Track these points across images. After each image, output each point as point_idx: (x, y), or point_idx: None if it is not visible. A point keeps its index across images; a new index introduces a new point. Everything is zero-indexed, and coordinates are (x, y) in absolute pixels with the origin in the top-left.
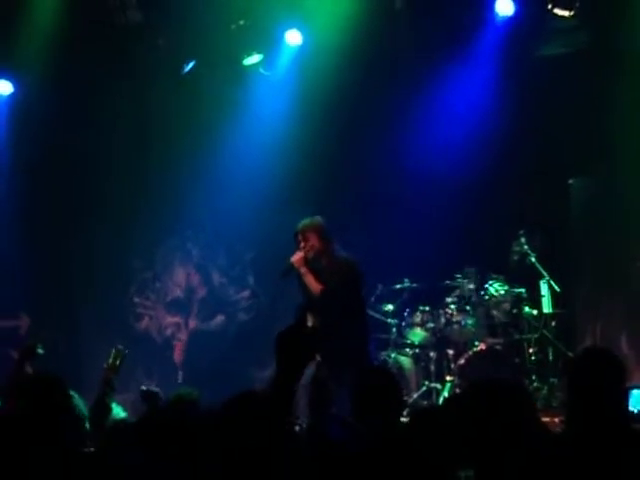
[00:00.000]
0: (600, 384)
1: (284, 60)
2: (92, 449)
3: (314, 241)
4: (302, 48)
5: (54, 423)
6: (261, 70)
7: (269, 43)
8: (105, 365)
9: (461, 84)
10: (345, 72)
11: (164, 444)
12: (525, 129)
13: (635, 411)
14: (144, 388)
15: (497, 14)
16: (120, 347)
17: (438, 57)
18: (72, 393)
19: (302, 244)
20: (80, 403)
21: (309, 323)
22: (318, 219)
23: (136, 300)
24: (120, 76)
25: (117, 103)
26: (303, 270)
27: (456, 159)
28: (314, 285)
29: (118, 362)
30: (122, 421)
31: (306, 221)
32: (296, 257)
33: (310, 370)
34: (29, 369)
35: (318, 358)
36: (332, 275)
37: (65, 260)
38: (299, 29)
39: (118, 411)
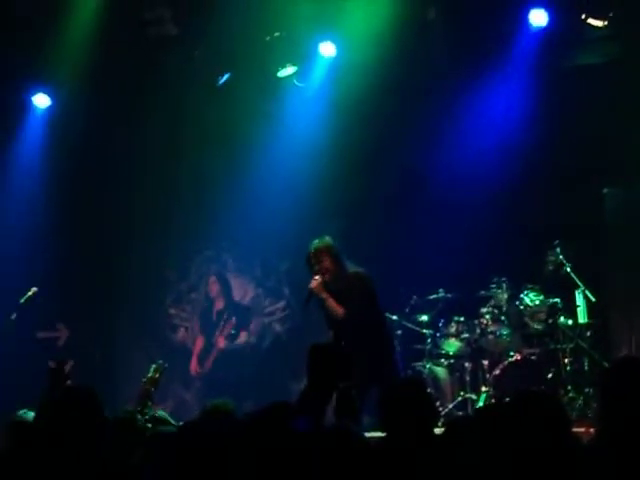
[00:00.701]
0: (635, 393)
1: (318, 72)
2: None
3: (327, 263)
4: (336, 60)
5: (86, 435)
6: (295, 82)
7: (303, 55)
8: (144, 379)
9: (495, 94)
10: (379, 83)
11: (200, 455)
12: (560, 139)
13: None
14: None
15: (531, 24)
16: (160, 362)
17: (471, 67)
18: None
19: (317, 267)
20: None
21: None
22: (328, 239)
23: (172, 311)
24: (155, 89)
25: (152, 115)
26: (324, 295)
27: (491, 169)
28: (337, 309)
29: (158, 376)
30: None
31: (317, 243)
32: (314, 284)
33: None
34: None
35: None
36: (350, 294)
37: (101, 271)
38: (333, 41)
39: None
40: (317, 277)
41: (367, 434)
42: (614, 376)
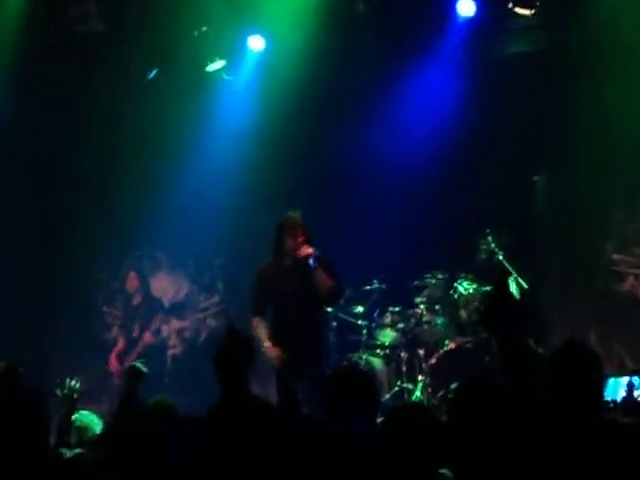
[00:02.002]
0: (580, 376)
1: (247, 65)
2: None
3: (305, 237)
4: (265, 53)
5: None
6: (224, 76)
7: (232, 49)
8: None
9: (424, 84)
10: (309, 76)
11: (140, 452)
12: (490, 127)
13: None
14: None
15: (459, 14)
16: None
17: (401, 57)
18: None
19: (298, 238)
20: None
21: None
22: (300, 214)
23: (105, 310)
24: (85, 87)
25: (84, 112)
26: (315, 261)
27: (422, 159)
28: (327, 281)
29: (75, 396)
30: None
31: (294, 216)
32: (308, 250)
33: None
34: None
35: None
36: (329, 271)
37: (32, 272)
38: (262, 34)
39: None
40: (308, 246)
41: None
42: (560, 362)
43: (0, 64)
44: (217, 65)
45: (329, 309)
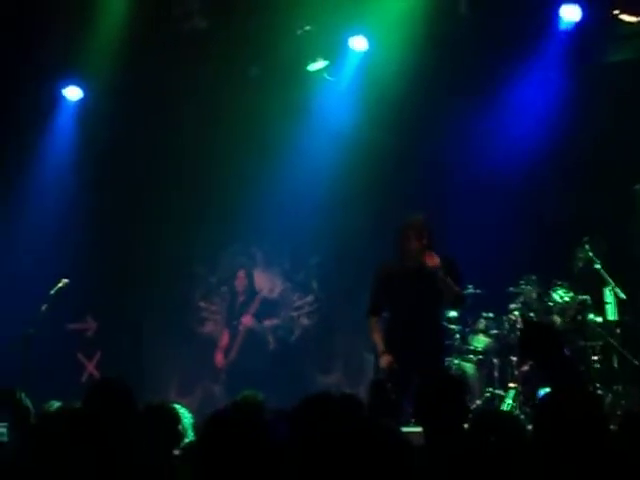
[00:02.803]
0: None
1: (349, 66)
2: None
3: (427, 240)
4: (367, 54)
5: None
6: (326, 76)
7: (334, 49)
8: None
9: (527, 90)
10: (410, 77)
11: (230, 447)
12: (592, 135)
13: None
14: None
15: (562, 19)
16: None
17: (503, 62)
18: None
19: (423, 241)
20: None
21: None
22: (423, 216)
23: (201, 305)
24: (186, 83)
25: (184, 109)
26: (442, 272)
27: (521, 165)
28: (454, 287)
29: None
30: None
31: (418, 217)
32: (435, 261)
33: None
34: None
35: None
36: (455, 276)
37: (131, 264)
38: (365, 35)
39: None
40: (432, 253)
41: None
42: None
43: (105, 59)
44: (319, 65)
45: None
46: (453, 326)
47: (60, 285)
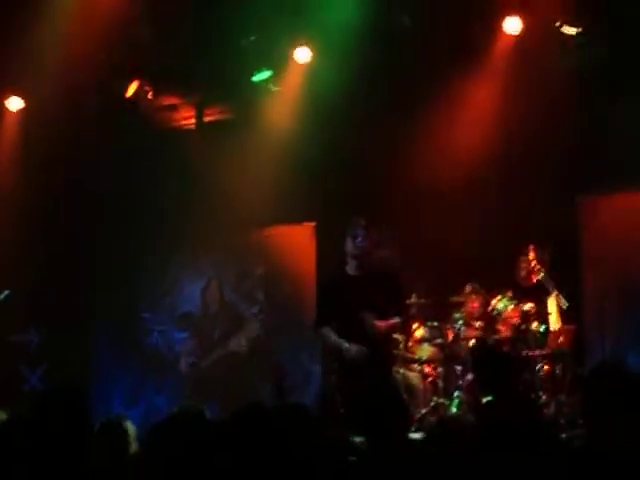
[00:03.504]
0: (614, 400)
1: (293, 76)
2: None
3: (367, 242)
4: (312, 64)
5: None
6: (270, 86)
7: (279, 59)
8: None
9: (470, 98)
10: (354, 87)
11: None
12: (534, 143)
13: None
14: None
15: (505, 32)
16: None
17: (447, 72)
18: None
19: (365, 235)
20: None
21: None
22: (362, 219)
23: (145, 315)
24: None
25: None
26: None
27: (465, 174)
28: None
29: None
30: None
31: (357, 220)
32: (384, 326)
33: None
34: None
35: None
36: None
37: (76, 275)
38: (308, 45)
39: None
40: (361, 239)
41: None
42: (591, 385)
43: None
44: (263, 75)
45: None
46: (397, 335)
47: (1, 297)
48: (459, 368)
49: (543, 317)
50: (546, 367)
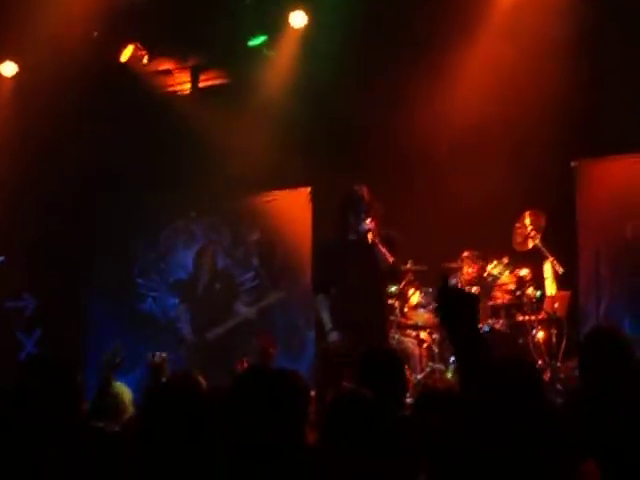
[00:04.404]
0: (607, 364)
1: (289, 41)
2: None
3: (377, 211)
4: (307, 29)
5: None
6: (265, 51)
7: (274, 24)
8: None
9: (466, 63)
10: (349, 51)
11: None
12: (528, 109)
13: None
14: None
15: None
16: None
17: (444, 36)
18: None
19: (370, 212)
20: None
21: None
22: (364, 187)
23: (139, 281)
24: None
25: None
26: (378, 239)
27: (461, 140)
28: (388, 256)
29: (118, 360)
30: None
31: (357, 189)
32: (372, 225)
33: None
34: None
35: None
36: (392, 248)
37: (69, 241)
38: (304, 10)
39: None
40: (369, 220)
41: None
42: (587, 350)
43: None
44: (258, 40)
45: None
46: (393, 301)
47: None
48: None
49: (539, 282)
50: (541, 333)
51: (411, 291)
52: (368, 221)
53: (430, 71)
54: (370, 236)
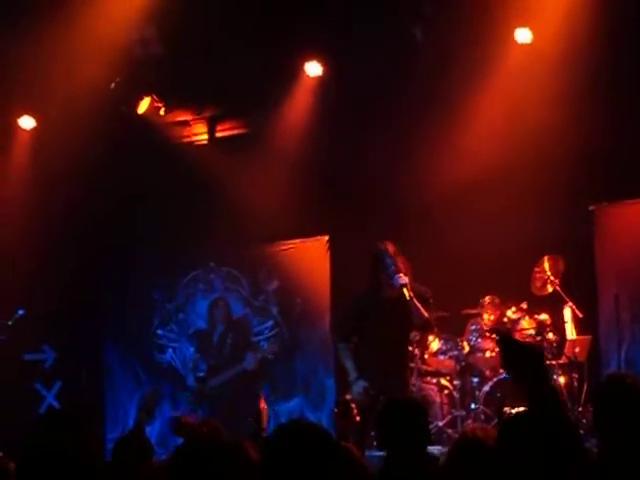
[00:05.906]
0: (623, 410)
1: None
2: None
3: (405, 266)
4: (322, 78)
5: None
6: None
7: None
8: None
9: (482, 109)
10: (365, 101)
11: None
12: (546, 153)
13: None
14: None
15: (516, 41)
16: (155, 389)
17: (461, 82)
18: None
19: (399, 266)
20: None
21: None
22: (393, 244)
23: (159, 332)
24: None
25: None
26: (412, 294)
27: (478, 186)
28: (423, 311)
29: (153, 404)
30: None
31: (390, 243)
32: (406, 279)
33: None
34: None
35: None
36: (424, 302)
37: (88, 293)
38: (318, 60)
39: None
40: (403, 274)
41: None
42: (602, 396)
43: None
44: None
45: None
46: (412, 348)
47: (16, 316)
48: (475, 380)
49: (559, 327)
50: (562, 377)
51: (431, 338)
52: (402, 275)
53: (447, 118)
54: (406, 292)
